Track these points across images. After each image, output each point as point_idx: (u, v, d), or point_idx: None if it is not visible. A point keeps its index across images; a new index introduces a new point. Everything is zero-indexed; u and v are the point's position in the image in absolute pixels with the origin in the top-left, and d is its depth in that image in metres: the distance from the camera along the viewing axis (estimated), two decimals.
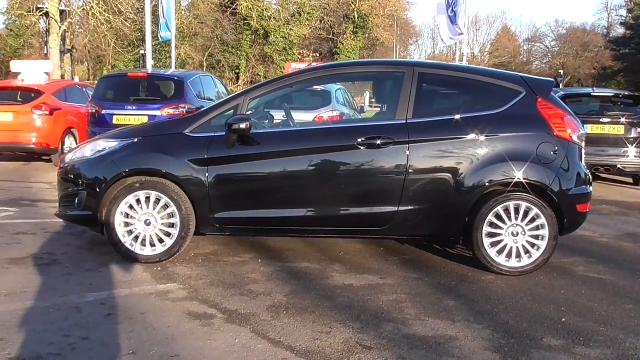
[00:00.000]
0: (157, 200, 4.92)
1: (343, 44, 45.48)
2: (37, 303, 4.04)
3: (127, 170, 4.90)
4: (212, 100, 11.62)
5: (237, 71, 42.14)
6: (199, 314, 3.88)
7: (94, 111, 10.51)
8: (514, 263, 4.88)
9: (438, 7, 16.01)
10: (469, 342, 3.57)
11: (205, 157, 4.86)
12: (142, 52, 39.19)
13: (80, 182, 5.07)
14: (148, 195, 4.91)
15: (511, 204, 4.84)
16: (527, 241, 4.86)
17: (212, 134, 4.92)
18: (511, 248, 4.87)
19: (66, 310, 3.90)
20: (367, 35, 47.34)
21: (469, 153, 4.82)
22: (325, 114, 10.49)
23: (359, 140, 4.79)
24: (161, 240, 4.95)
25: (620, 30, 63.66)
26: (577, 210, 4.92)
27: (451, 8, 15.48)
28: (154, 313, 3.88)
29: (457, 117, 4.88)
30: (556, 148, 4.85)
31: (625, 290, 4.67)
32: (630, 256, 5.73)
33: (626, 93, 11.45)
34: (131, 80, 10.94)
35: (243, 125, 4.72)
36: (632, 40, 57.53)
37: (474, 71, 5.27)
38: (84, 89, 13.22)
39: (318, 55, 42.92)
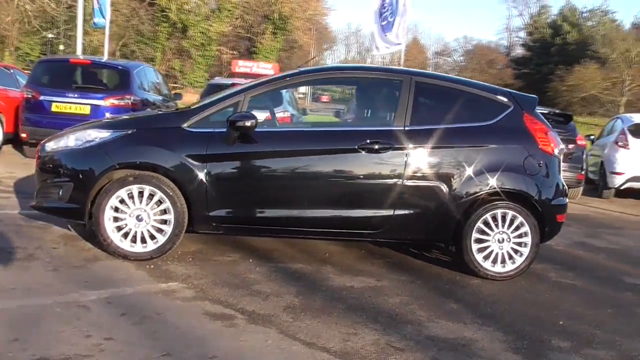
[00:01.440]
0: (151, 195, 4.75)
1: (262, 44, 45.23)
2: (36, 300, 3.81)
3: (121, 163, 4.72)
4: (154, 92, 11.34)
5: (152, 63, 40.92)
6: (218, 314, 3.80)
7: (30, 96, 9.92)
8: (499, 268, 5.10)
9: (374, 15, 16.32)
10: (487, 343, 3.73)
11: (205, 153, 4.76)
12: (49, 35, 37.35)
13: (65, 173, 4.82)
14: (141, 190, 4.74)
15: (498, 212, 5.06)
16: (511, 248, 5.10)
17: (212, 130, 4.82)
18: (497, 254, 5.09)
19: (74, 309, 3.71)
20: (285, 37, 47.38)
21: (461, 162, 5.00)
22: (278, 114, 10.50)
23: (360, 144, 4.86)
24: (152, 237, 4.79)
25: (520, 51, 67.58)
26: (556, 219, 5.22)
27: (385, 17, 15.82)
28: (170, 313, 3.77)
29: (452, 126, 5.06)
30: (541, 161, 5.12)
31: (599, 295, 5.02)
32: (587, 263, 6.15)
33: (557, 111, 12.19)
34: (73, 66, 10.40)
35: (248, 123, 4.67)
36: (532, 60, 61.10)
37: (466, 83, 5.47)
38: (11, 71, 12.44)
39: (237, 53, 42.51)
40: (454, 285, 4.89)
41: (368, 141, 4.86)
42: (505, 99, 5.26)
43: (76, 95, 9.82)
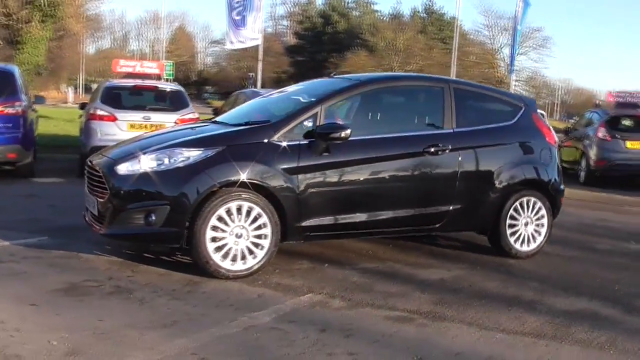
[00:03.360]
0: (248, 212, 4.68)
1: (30, 33, 41.25)
2: (221, 330, 3.66)
3: (221, 181, 4.57)
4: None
5: None
6: (405, 318, 4.02)
7: None
8: (525, 248, 5.90)
9: (225, 7, 16.24)
10: (609, 310, 4.48)
11: (297, 165, 4.81)
12: None
13: (159, 196, 4.52)
14: (239, 207, 4.65)
15: (524, 200, 5.86)
16: (534, 229, 5.94)
17: (299, 142, 4.88)
18: (524, 235, 5.89)
19: (272, 331, 3.66)
20: (56, 26, 43.75)
21: (499, 157, 5.71)
22: (186, 115, 10.28)
23: (424, 147, 5.30)
24: (251, 253, 4.72)
25: (293, 39, 70.34)
26: (561, 202, 6.19)
27: (238, 12, 15.86)
28: (357, 322, 3.89)
29: (486, 127, 5.73)
30: (550, 152, 6.04)
31: (606, 262, 6.02)
32: (569, 239, 6.96)
33: None
34: None
35: (343, 134, 4.83)
36: (305, 49, 64.26)
37: (486, 88, 6.17)
38: None
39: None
40: (503, 266, 5.56)
41: (430, 144, 5.32)
42: (517, 101, 6.07)
43: None
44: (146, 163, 4.62)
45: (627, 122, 13.75)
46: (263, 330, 3.69)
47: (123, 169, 4.64)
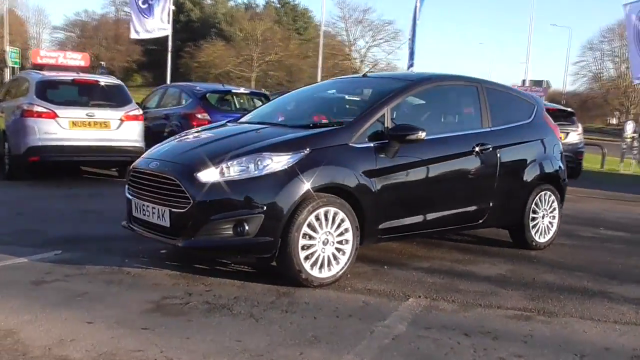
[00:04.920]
0: (334, 217, 4.54)
1: None
2: (370, 343, 3.54)
3: (314, 186, 4.38)
4: None
5: None
6: (523, 316, 4.10)
7: None
8: (542, 239, 6.23)
9: None
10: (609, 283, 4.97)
11: (375, 167, 4.73)
12: None
13: (250, 204, 4.24)
14: (327, 212, 4.49)
15: (542, 194, 6.19)
16: (549, 221, 6.30)
17: (372, 144, 4.80)
18: (541, 227, 6.22)
19: (422, 341, 3.59)
20: None
21: (525, 154, 5.98)
22: (131, 112, 9.70)
23: (474, 146, 5.44)
24: (335, 258, 4.59)
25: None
26: (565, 193, 6.61)
27: (145, 1, 14.98)
28: (492, 324, 3.92)
29: (512, 125, 5.98)
30: (559, 147, 6.43)
31: (623, 251, 6.55)
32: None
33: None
34: None
35: (422, 135, 4.81)
36: (158, 37, 61.25)
37: (508, 87, 6.41)
38: None
39: None
40: (534, 258, 5.85)
41: (477, 143, 5.46)
42: (530, 100, 6.39)
43: None
44: (232, 170, 4.31)
45: None
46: (413, 339, 3.60)
47: (206, 176, 4.28)
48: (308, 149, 4.48)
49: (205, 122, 10.81)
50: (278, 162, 4.34)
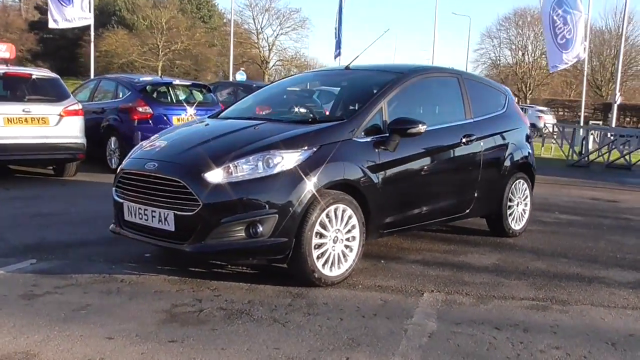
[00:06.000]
0: (342, 214, 4.43)
1: None
2: (407, 342, 3.48)
3: (326, 183, 4.25)
4: None
5: None
6: (540, 306, 4.15)
7: None
8: (517, 226, 6.39)
9: None
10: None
11: (378, 162, 4.65)
12: None
13: (263, 205, 4.05)
14: (336, 209, 4.37)
15: (517, 182, 6.33)
16: (522, 209, 6.46)
17: (371, 138, 4.71)
18: (516, 215, 6.38)
19: (458, 337, 3.56)
20: None
21: (503, 144, 6.08)
22: (71, 107, 9.18)
23: (461, 137, 5.47)
24: (344, 256, 4.49)
25: (37, 14, 62.33)
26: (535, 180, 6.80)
27: None
28: (516, 316, 3.94)
29: (489, 115, 6.05)
30: (528, 136, 6.60)
31: (589, 234, 6.80)
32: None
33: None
34: None
35: (423, 128, 4.77)
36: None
37: (483, 78, 6.45)
38: None
39: None
40: (515, 246, 5.98)
41: (464, 134, 5.50)
42: (502, 90, 6.51)
43: None
44: (241, 169, 4.10)
45: None
46: (449, 336, 3.55)
47: (214, 177, 4.05)
48: (318, 145, 4.34)
49: (147, 115, 10.38)
50: (289, 159, 4.17)
